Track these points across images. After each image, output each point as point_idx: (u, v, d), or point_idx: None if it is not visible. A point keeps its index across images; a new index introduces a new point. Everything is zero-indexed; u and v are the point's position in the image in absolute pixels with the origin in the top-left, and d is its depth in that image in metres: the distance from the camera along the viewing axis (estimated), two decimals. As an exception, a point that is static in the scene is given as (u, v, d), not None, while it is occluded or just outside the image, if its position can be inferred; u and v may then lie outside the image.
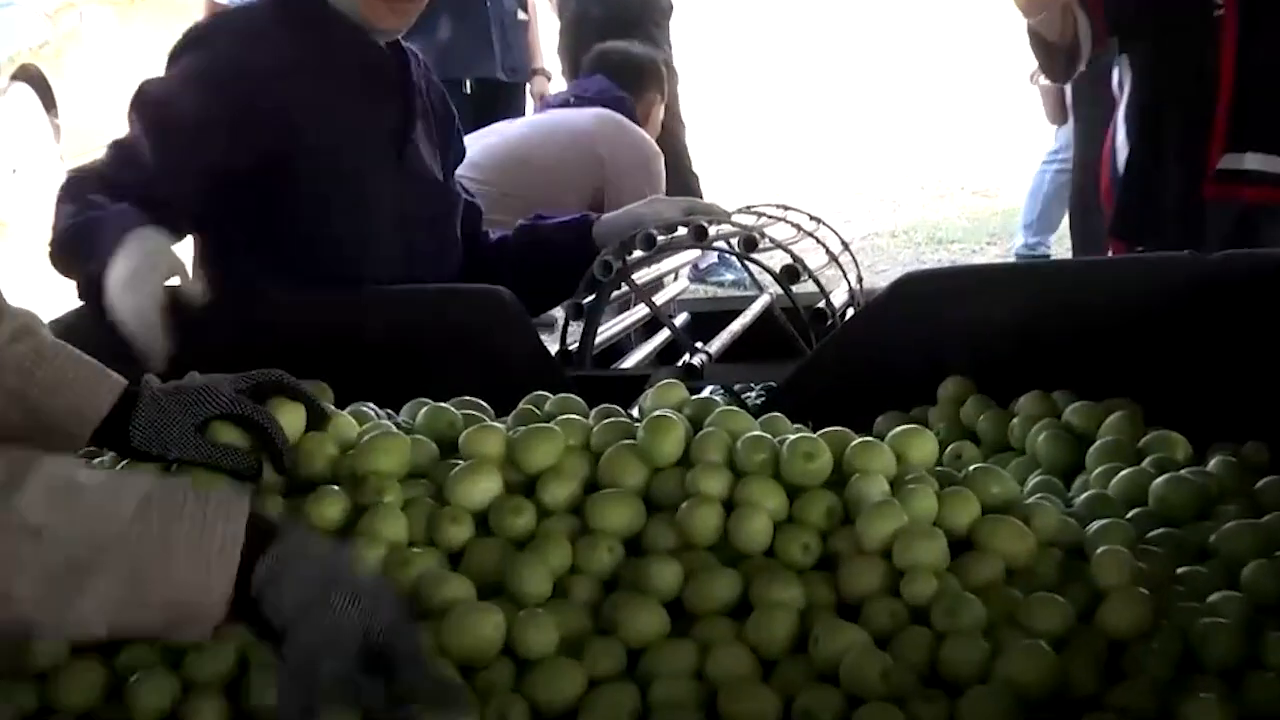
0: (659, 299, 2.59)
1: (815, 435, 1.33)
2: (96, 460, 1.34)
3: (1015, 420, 1.60)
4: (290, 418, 1.37)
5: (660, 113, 3.81)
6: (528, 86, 5.06)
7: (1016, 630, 1.15)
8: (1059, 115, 4.89)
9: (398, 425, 1.48)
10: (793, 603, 1.20)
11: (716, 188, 6.00)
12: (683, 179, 5.44)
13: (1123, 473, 1.42)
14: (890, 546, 1.22)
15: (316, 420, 1.40)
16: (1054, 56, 2.49)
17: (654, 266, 2.57)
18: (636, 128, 3.62)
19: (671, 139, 5.41)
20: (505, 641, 1.18)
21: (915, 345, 1.79)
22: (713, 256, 5.34)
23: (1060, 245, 5.32)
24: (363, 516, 1.29)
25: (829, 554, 1.27)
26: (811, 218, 2.90)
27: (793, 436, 1.32)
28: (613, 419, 1.43)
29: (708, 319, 2.75)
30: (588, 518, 1.31)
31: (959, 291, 1.83)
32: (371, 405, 1.57)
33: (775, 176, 7.58)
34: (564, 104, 3.77)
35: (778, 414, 1.43)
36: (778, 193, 6.64)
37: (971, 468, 1.36)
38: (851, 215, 6.71)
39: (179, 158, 1.87)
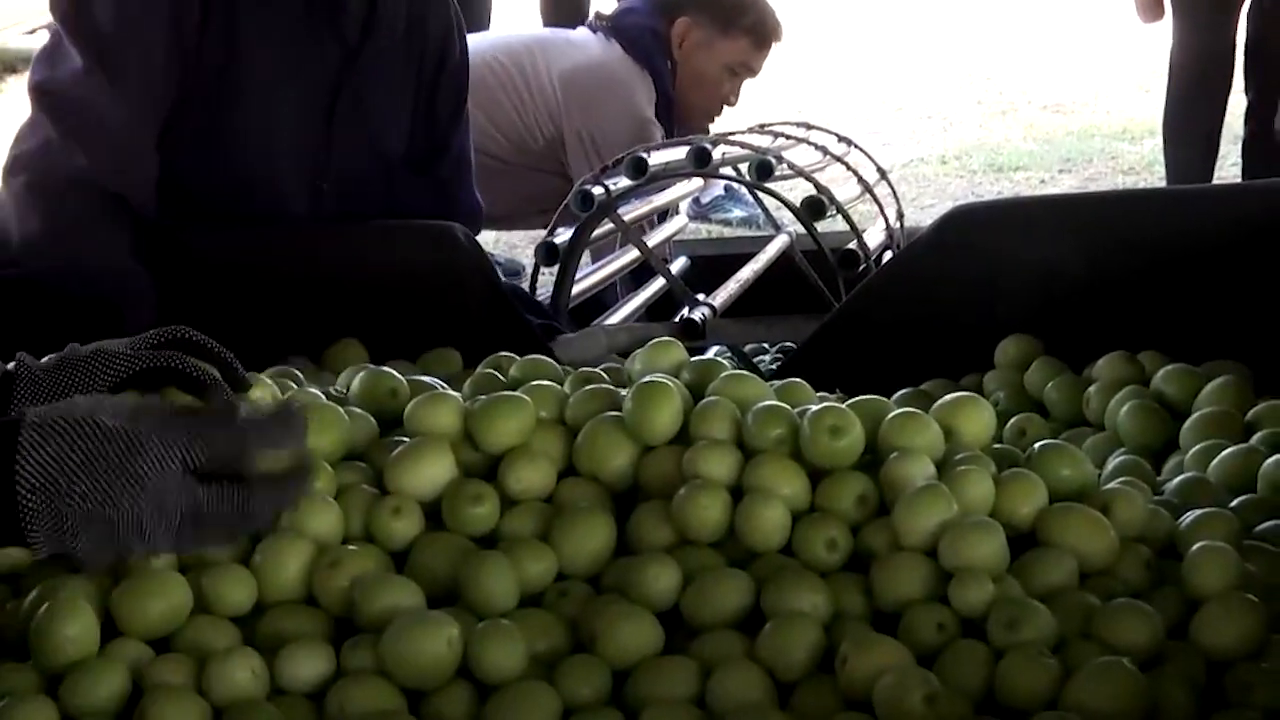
0: (651, 240, 2.60)
1: (844, 406, 1.33)
2: None
3: (1092, 388, 1.61)
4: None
5: (702, 40, 3.73)
6: None
7: (1093, 645, 1.16)
8: (1154, 9, 4.89)
9: (328, 395, 1.48)
10: (815, 612, 1.21)
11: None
12: None
13: (1226, 452, 1.43)
14: (936, 543, 1.22)
15: (236, 389, 1.40)
16: None
17: (646, 200, 2.57)
18: (623, 86, 3.60)
19: None
20: (461, 660, 1.18)
21: (967, 296, 1.80)
22: (717, 188, 5.34)
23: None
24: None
25: (860, 552, 1.27)
26: (840, 139, 2.90)
27: (816, 407, 1.32)
28: (594, 386, 1.43)
29: (711, 264, 2.76)
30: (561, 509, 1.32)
31: (1023, 229, 1.83)
32: (295, 370, 1.57)
33: (795, 89, 7.56)
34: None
35: (797, 380, 1.43)
36: (799, 109, 6.64)
37: (1037, 446, 1.36)
38: (890, 137, 6.71)
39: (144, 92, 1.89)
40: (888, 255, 2.54)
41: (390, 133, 2.11)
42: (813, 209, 2.23)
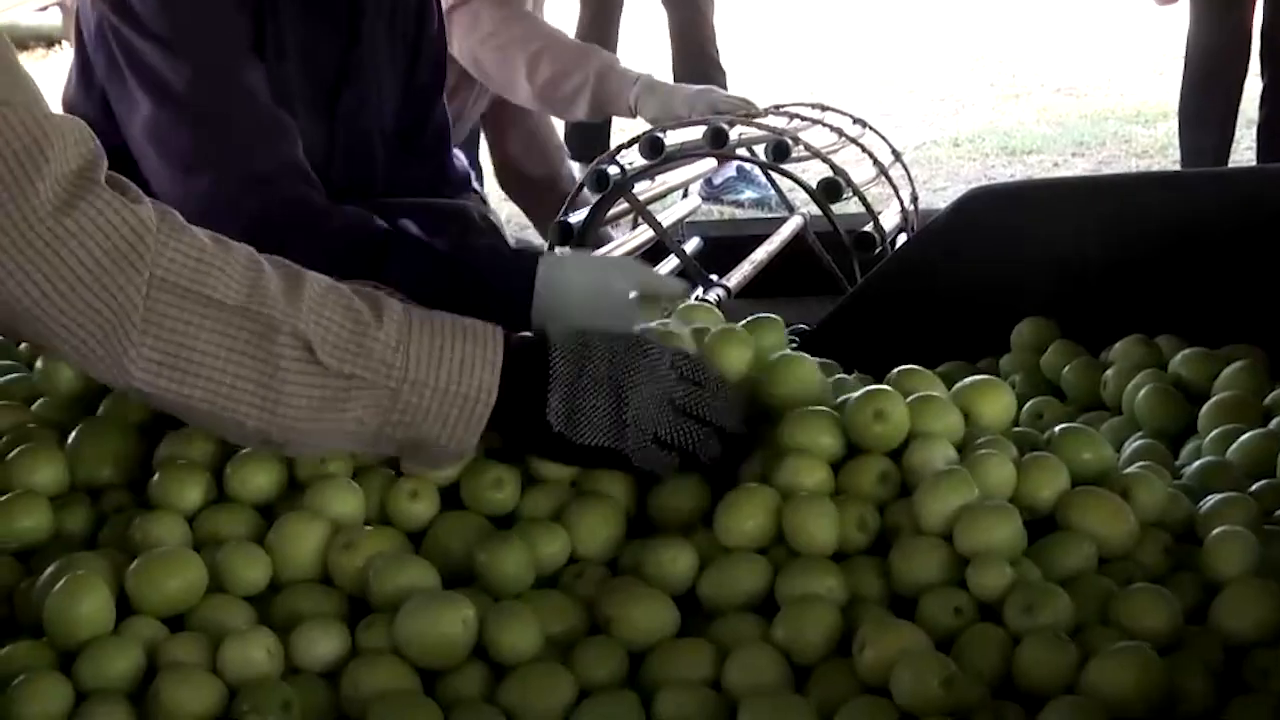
0: (665, 220, 2.59)
1: (887, 387, 1.33)
2: None
3: (1109, 371, 1.60)
4: None
5: None
6: None
7: (1111, 630, 1.15)
8: (1169, -10, 4.88)
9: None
10: (831, 595, 1.21)
11: (741, 85, 5.95)
12: (704, 71, 5.44)
13: (1245, 436, 1.42)
14: (953, 526, 1.22)
15: None
16: None
17: (659, 179, 2.57)
18: None
19: (695, 18, 5.43)
20: (476, 640, 1.18)
21: (983, 279, 1.79)
22: (730, 169, 5.34)
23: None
24: (306, 491, 1.30)
25: (879, 534, 1.27)
26: (855, 120, 2.90)
27: (859, 391, 1.32)
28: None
29: (724, 245, 2.75)
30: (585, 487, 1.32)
31: (1038, 211, 1.83)
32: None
33: (808, 70, 7.55)
34: None
35: (829, 361, 1.44)
36: (812, 90, 6.63)
37: (1058, 429, 1.36)
38: (903, 120, 6.69)
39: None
40: (902, 238, 2.54)
41: (385, 112, 2.11)
42: (829, 190, 2.22)
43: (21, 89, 1.16)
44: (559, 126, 3.70)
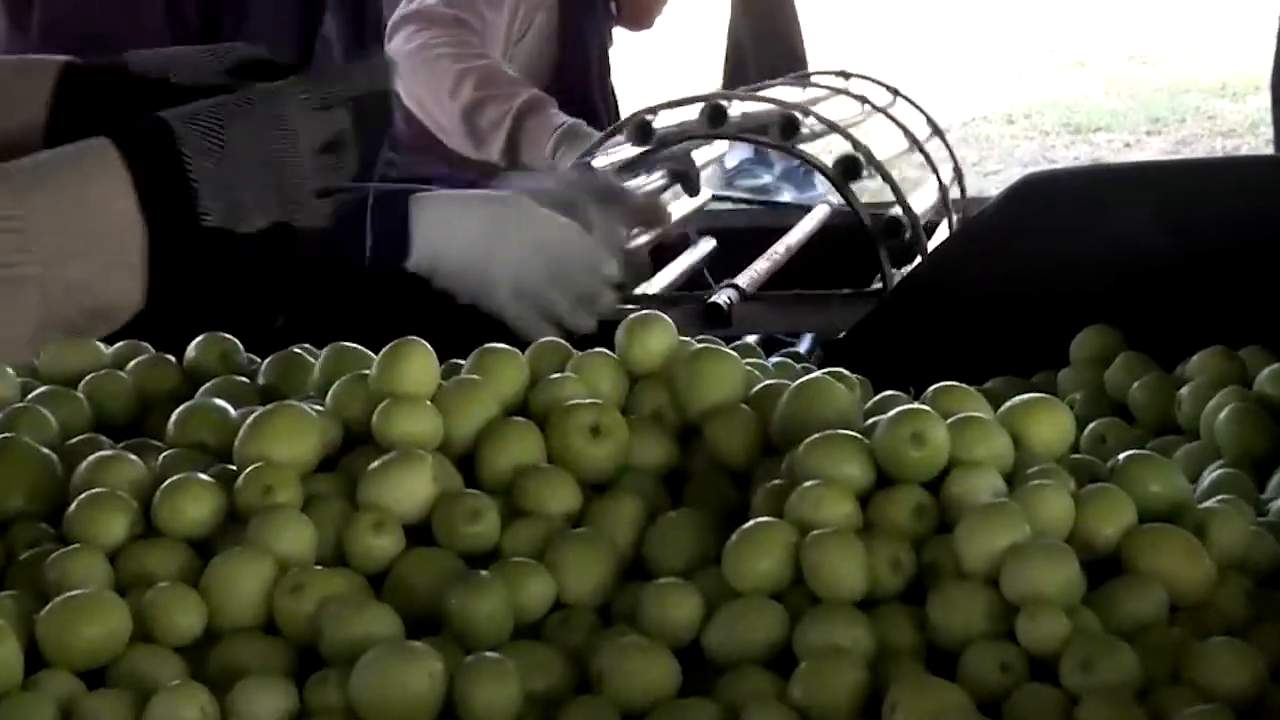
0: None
1: (924, 407, 1.34)
2: None
3: (1184, 389, 1.61)
4: None
5: None
6: None
7: (1183, 690, 1.16)
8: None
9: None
10: (858, 648, 1.21)
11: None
12: (784, 32, 5.54)
13: (1342, 466, 1.43)
14: (1000, 569, 1.22)
15: None
16: None
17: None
18: None
19: None
20: (445, 699, 1.18)
21: (1039, 280, 1.80)
22: (745, 150, 5.38)
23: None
24: (248, 524, 1.30)
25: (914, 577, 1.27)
26: (889, 89, 2.90)
27: (895, 410, 1.32)
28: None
29: (739, 238, 2.76)
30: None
31: (1105, 201, 1.83)
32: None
33: (842, 33, 7.56)
34: None
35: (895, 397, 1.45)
36: (847, 58, 6.63)
37: (1122, 457, 1.36)
38: (949, 92, 6.70)
39: None
40: (943, 227, 2.54)
41: None
42: (847, 169, 2.22)
43: None
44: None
